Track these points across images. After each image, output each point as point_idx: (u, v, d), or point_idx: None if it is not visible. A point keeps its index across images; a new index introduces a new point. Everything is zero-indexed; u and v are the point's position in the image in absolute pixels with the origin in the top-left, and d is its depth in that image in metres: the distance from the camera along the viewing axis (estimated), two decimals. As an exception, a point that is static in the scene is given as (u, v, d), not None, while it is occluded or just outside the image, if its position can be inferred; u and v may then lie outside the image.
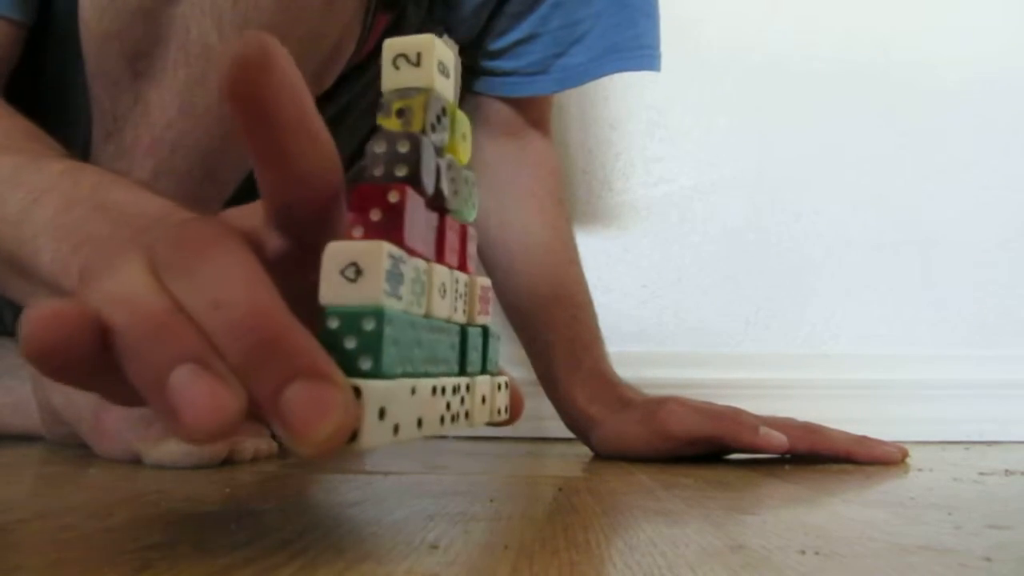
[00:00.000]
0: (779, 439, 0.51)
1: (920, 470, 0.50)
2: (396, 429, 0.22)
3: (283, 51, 0.21)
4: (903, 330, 0.87)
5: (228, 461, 0.47)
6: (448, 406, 0.25)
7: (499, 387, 0.31)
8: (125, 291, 0.21)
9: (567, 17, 0.63)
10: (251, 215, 0.25)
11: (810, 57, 0.90)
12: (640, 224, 0.89)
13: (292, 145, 0.22)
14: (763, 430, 0.51)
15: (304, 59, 0.48)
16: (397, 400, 0.22)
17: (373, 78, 0.58)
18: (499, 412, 0.31)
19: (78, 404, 0.50)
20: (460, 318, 0.27)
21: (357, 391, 0.20)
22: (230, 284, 0.21)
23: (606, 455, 0.58)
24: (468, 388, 0.27)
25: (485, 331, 0.29)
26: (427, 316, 0.24)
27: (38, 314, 0.20)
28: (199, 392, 0.18)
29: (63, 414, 0.52)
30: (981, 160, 0.89)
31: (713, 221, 0.89)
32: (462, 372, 0.27)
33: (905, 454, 0.54)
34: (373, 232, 0.22)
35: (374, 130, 0.24)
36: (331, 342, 0.21)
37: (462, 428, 0.27)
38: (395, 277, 0.22)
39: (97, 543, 0.24)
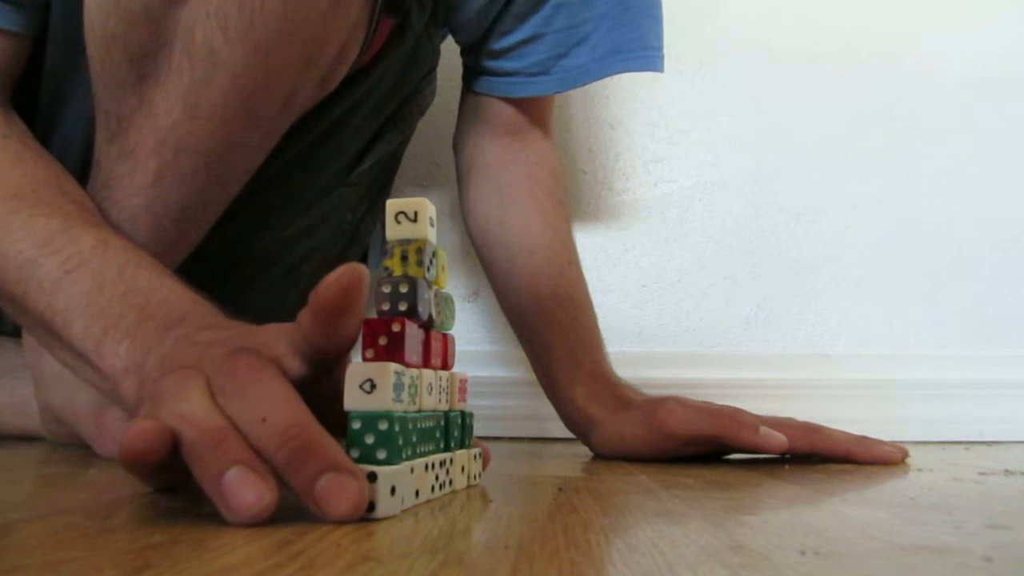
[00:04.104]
0: (779, 439, 0.51)
1: (920, 470, 0.50)
2: (402, 500, 0.30)
3: (367, 274, 0.29)
4: (903, 330, 0.88)
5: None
6: (436, 477, 0.34)
7: (474, 457, 0.39)
8: (192, 412, 0.28)
9: (570, 18, 0.63)
10: (275, 342, 0.32)
11: (811, 57, 0.90)
12: (640, 224, 0.89)
13: (347, 326, 0.30)
14: (763, 430, 0.51)
15: (309, 63, 0.48)
16: (402, 479, 0.30)
17: (377, 81, 0.58)
18: (475, 477, 0.39)
19: (78, 405, 0.50)
20: (444, 407, 0.36)
21: (374, 475, 0.28)
22: (272, 404, 0.28)
23: (606, 455, 0.58)
24: (451, 461, 0.36)
25: (463, 415, 0.38)
26: (420, 410, 0.33)
27: (132, 430, 0.27)
28: (244, 487, 0.26)
29: (63, 415, 0.52)
30: (981, 160, 0.89)
31: (713, 221, 0.89)
32: (447, 448, 0.36)
33: (905, 454, 0.54)
34: (381, 354, 0.30)
35: (376, 137, 0.27)
36: (355, 438, 0.29)
37: (447, 491, 0.35)
38: (398, 387, 0.30)
39: (97, 543, 0.24)
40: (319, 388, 0.32)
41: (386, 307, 0.32)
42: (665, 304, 0.89)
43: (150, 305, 0.39)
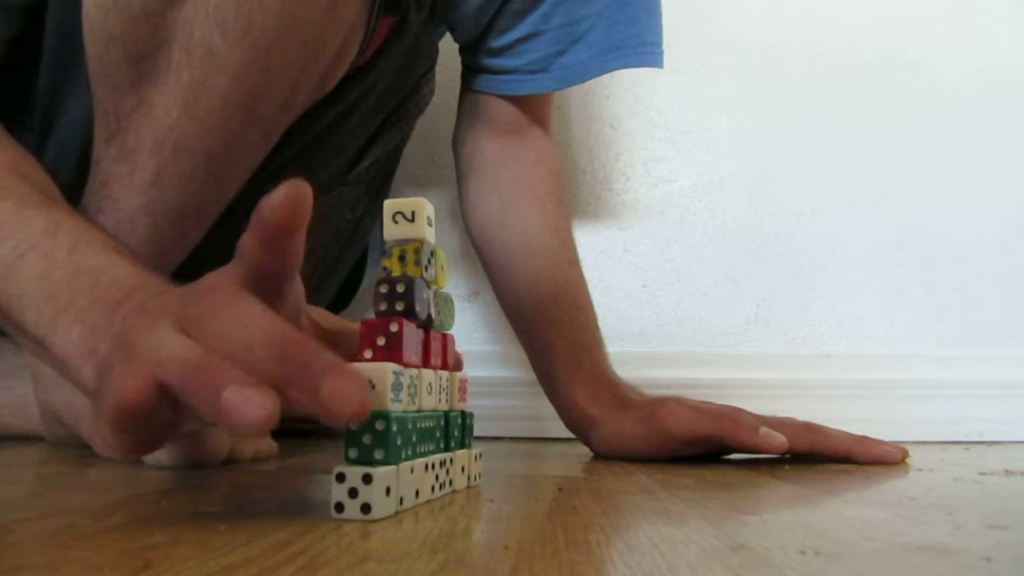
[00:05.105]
0: (779, 439, 0.51)
1: (920, 470, 0.50)
2: (401, 501, 0.30)
3: (307, 193, 0.30)
4: (903, 330, 0.88)
5: (228, 461, 0.47)
6: (437, 477, 0.34)
7: (475, 457, 0.39)
8: (167, 350, 0.27)
9: (569, 15, 0.63)
10: (225, 280, 0.31)
11: (811, 57, 0.90)
12: (640, 224, 0.89)
13: (294, 245, 0.31)
14: (763, 430, 0.51)
15: (308, 62, 0.48)
16: (400, 479, 0.30)
17: (376, 80, 0.58)
18: (475, 478, 0.39)
19: (78, 405, 0.50)
20: (444, 406, 0.36)
21: (369, 477, 0.27)
22: (256, 328, 0.28)
23: (606, 455, 0.58)
24: (451, 461, 0.36)
25: (463, 415, 0.38)
26: (419, 410, 0.33)
27: (125, 387, 0.26)
28: (244, 399, 0.25)
29: (63, 415, 0.52)
30: (981, 160, 0.89)
31: (713, 221, 0.89)
32: (447, 448, 0.36)
33: (905, 454, 0.54)
34: (380, 354, 0.30)
35: (375, 136, 0.27)
36: (353, 438, 0.29)
37: (447, 492, 0.35)
38: (397, 387, 0.30)
39: (97, 543, 0.24)
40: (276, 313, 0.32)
41: (383, 307, 0.32)
42: (665, 304, 0.89)
43: (99, 285, 0.38)
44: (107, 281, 0.39)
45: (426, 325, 0.34)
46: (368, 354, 0.31)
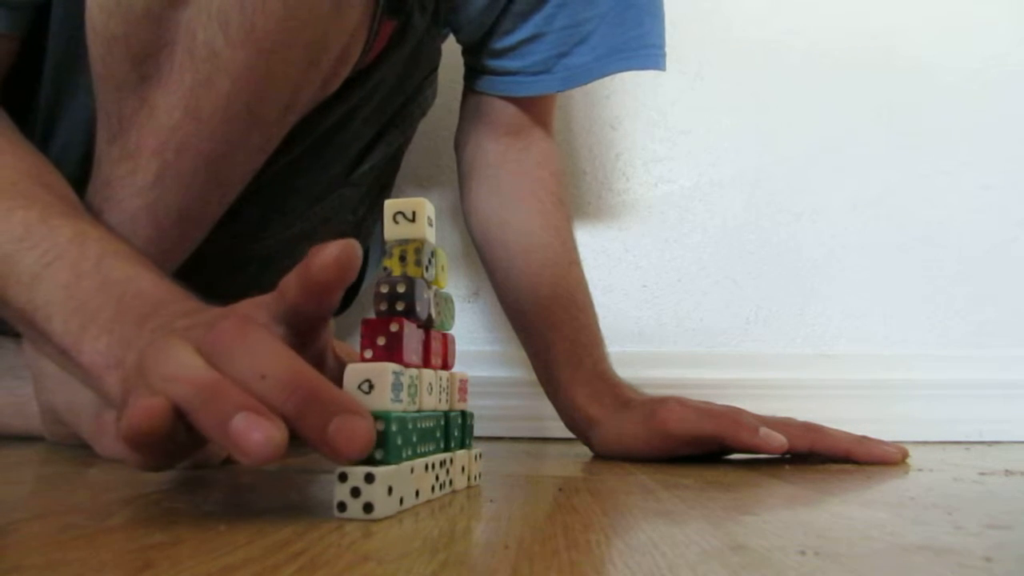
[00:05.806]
0: (779, 439, 0.51)
1: (920, 470, 0.50)
2: (401, 500, 0.30)
3: (359, 252, 0.30)
4: (903, 330, 0.88)
5: (228, 461, 0.47)
6: (437, 477, 0.34)
7: (475, 457, 0.39)
8: (182, 371, 0.28)
9: (572, 17, 0.63)
10: (255, 313, 0.32)
11: (810, 57, 0.90)
12: (640, 224, 0.89)
13: (336, 297, 0.31)
14: (763, 430, 0.51)
15: (311, 64, 0.48)
16: (401, 479, 0.30)
17: (379, 82, 0.58)
18: (475, 478, 0.39)
19: (79, 405, 0.50)
20: (444, 406, 0.37)
21: (371, 476, 0.28)
22: (268, 359, 0.28)
23: (606, 455, 0.58)
24: (451, 461, 0.36)
25: (463, 415, 0.38)
26: (419, 410, 0.33)
27: (138, 409, 0.26)
28: (253, 429, 0.25)
29: (64, 415, 0.52)
30: (981, 160, 0.89)
31: (713, 221, 0.89)
32: (447, 448, 0.36)
33: (905, 454, 0.54)
34: (380, 354, 0.31)
35: (377, 138, 0.28)
36: None
37: (447, 492, 0.36)
38: (397, 387, 0.30)
39: (97, 543, 0.24)
40: (305, 352, 0.32)
41: (384, 307, 0.32)
42: (665, 304, 0.89)
43: (126, 297, 0.39)
44: (134, 293, 0.39)
45: (426, 325, 0.34)
46: (368, 354, 0.31)
